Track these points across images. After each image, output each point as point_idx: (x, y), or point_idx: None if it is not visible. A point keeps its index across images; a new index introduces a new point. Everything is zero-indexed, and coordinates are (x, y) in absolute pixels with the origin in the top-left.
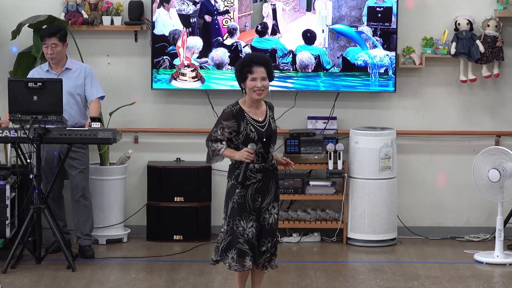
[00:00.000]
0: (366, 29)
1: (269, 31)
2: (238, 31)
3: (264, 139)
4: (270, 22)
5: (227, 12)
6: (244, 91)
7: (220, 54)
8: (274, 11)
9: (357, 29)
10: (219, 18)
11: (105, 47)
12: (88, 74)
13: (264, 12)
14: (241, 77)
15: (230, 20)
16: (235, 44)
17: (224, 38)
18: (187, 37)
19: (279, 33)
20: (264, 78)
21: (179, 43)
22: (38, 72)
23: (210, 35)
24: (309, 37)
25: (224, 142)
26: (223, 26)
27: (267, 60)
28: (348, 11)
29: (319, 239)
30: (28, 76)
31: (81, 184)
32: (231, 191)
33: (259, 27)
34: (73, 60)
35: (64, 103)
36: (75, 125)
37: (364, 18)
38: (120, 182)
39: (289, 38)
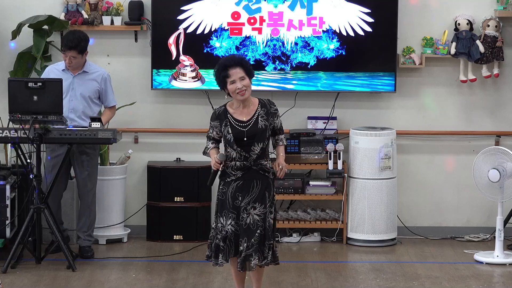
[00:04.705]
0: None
1: None
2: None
3: (245, 139)
4: None
5: None
6: (229, 95)
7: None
8: None
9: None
10: None
11: (105, 47)
12: (105, 81)
13: None
14: (221, 84)
15: None
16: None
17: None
18: (183, 36)
19: None
20: (242, 78)
21: (171, 39)
22: (53, 71)
23: None
24: None
25: (220, 141)
26: None
27: (241, 59)
28: None
29: (319, 239)
30: (43, 74)
31: (88, 186)
32: (218, 188)
33: None
34: (91, 63)
35: (77, 106)
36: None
37: None
38: (120, 182)
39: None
